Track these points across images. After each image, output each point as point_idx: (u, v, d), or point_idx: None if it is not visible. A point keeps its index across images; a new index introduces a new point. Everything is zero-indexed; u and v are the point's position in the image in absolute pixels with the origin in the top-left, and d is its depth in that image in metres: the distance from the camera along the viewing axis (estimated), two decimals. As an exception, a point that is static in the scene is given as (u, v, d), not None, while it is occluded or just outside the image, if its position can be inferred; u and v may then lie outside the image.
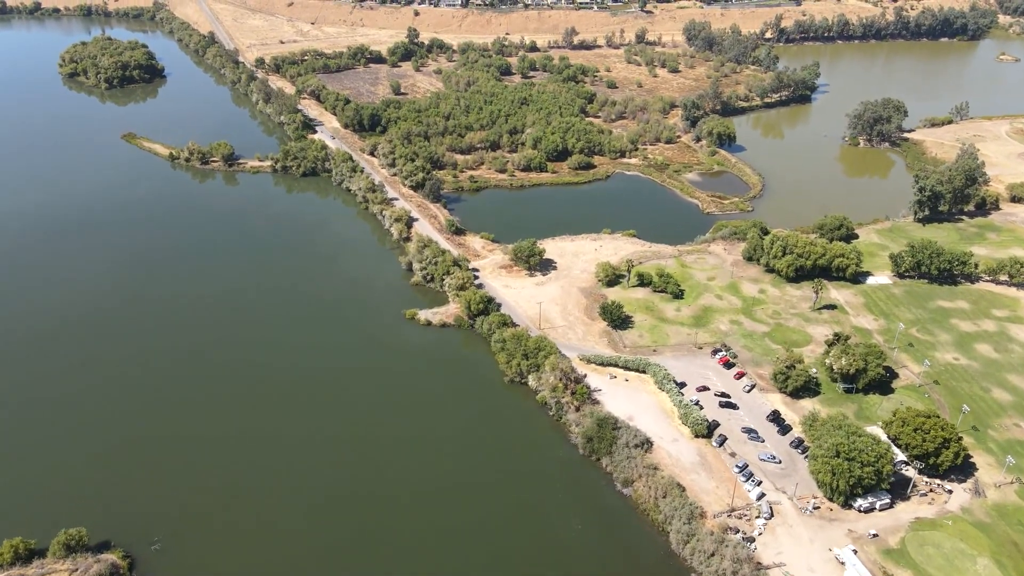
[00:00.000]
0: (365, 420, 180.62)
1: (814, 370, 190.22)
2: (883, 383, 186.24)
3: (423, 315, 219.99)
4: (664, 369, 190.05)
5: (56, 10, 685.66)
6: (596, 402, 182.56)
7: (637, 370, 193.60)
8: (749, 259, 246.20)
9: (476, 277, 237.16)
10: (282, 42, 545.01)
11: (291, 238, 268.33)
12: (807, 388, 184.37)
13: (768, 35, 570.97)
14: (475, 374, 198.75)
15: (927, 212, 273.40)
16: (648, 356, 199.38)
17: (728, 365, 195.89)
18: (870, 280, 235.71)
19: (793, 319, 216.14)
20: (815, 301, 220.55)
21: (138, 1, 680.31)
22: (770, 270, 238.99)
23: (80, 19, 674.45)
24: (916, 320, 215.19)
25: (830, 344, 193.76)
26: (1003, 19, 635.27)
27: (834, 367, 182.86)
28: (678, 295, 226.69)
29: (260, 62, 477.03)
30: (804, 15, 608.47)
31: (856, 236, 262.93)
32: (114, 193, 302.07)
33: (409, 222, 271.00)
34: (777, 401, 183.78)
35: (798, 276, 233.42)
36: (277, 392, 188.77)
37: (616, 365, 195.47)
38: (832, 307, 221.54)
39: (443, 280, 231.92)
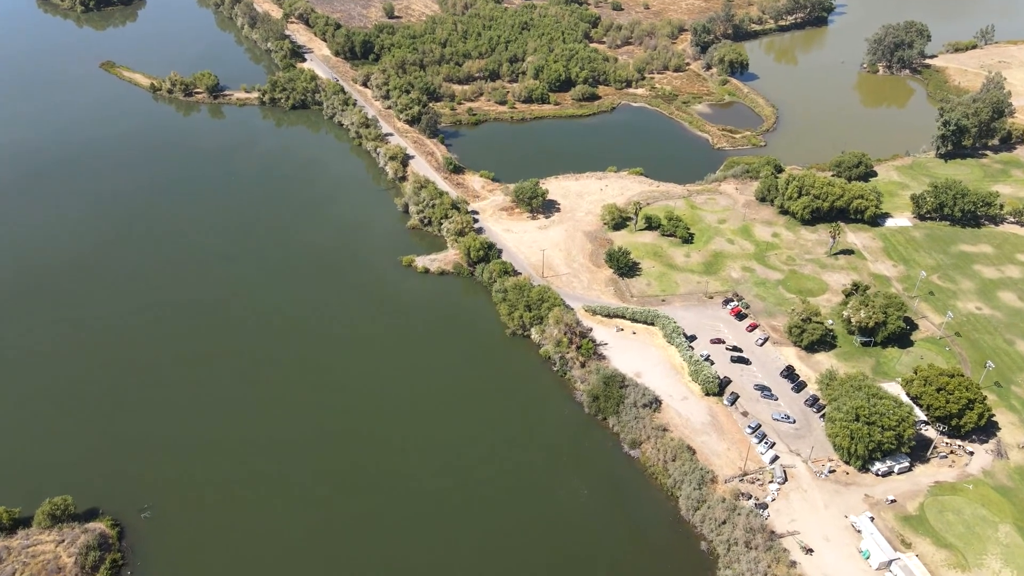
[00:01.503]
0: (360, 376, 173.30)
1: (830, 322, 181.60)
2: (902, 335, 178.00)
3: (420, 262, 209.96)
4: (673, 321, 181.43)
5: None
6: (602, 357, 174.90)
7: (645, 322, 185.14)
8: (762, 200, 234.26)
9: (476, 220, 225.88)
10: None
11: (281, 178, 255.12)
12: (823, 341, 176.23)
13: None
14: (475, 326, 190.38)
15: (950, 147, 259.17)
16: (656, 306, 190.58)
17: (740, 316, 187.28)
18: (889, 222, 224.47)
19: (808, 265, 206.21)
20: (831, 246, 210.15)
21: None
22: (784, 212, 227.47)
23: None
24: (937, 266, 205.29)
25: (848, 294, 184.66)
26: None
27: (852, 320, 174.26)
28: (688, 239, 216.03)
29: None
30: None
31: (875, 174, 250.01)
32: (93, 128, 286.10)
33: (405, 160, 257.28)
34: (791, 355, 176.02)
35: (814, 218, 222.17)
36: (269, 348, 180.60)
37: (623, 317, 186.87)
38: (849, 252, 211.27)
39: (441, 224, 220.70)
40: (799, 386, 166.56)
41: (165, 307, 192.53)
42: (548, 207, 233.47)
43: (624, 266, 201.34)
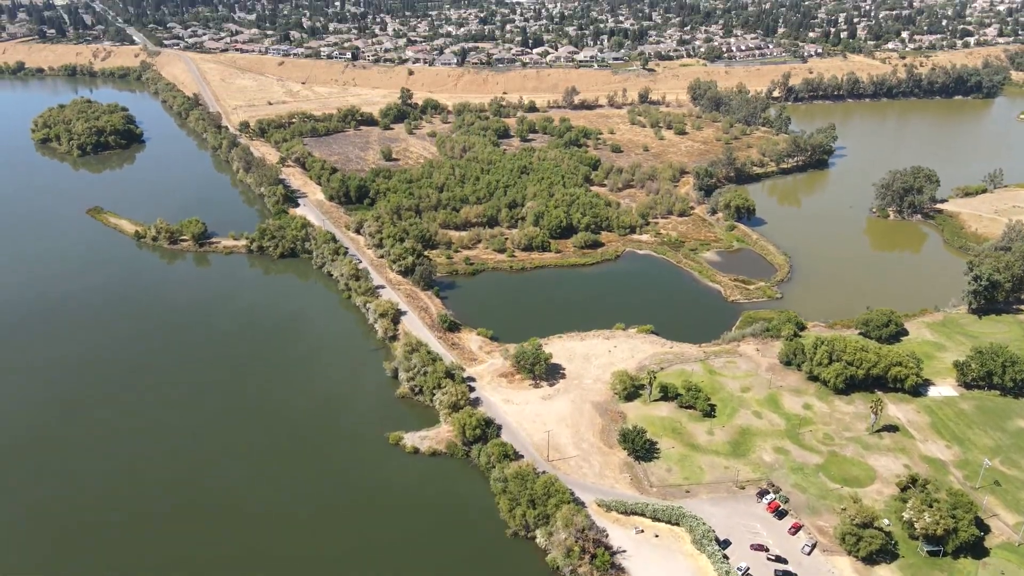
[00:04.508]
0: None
1: (886, 522, 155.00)
2: (975, 541, 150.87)
3: (409, 440, 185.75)
4: (702, 522, 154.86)
5: (40, 70, 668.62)
6: (621, 569, 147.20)
7: (669, 521, 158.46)
8: (787, 364, 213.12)
9: (472, 389, 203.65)
10: (270, 103, 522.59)
11: (262, 336, 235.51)
12: (883, 550, 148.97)
13: (776, 94, 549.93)
14: (470, 523, 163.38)
15: (982, 302, 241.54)
16: (680, 499, 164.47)
17: (780, 513, 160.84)
18: (932, 391, 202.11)
19: (849, 445, 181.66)
20: (873, 423, 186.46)
21: (124, 61, 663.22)
22: (813, 378, 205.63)
23: (65, 79, 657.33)
24: (997, 447, 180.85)
25: (903, 488, 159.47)
26: (1015, 75, 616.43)
27: (916, 524, 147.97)
28: (709, 413, 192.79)
29: (244, 126, 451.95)
30: (811, 72, 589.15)
31: (905, 332, 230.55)
32: (68, 280, 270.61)
33: (396, 317, 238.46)
34: (846, 567, 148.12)
35: (848, 387, 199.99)
36: (233, 548, 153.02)
37: (643, 514, 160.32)
38: (893, 429, 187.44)
39: (433, 394, 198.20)
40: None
41: (115, 488, 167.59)
42: (552, 372, 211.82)
43: (640, 448, 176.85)
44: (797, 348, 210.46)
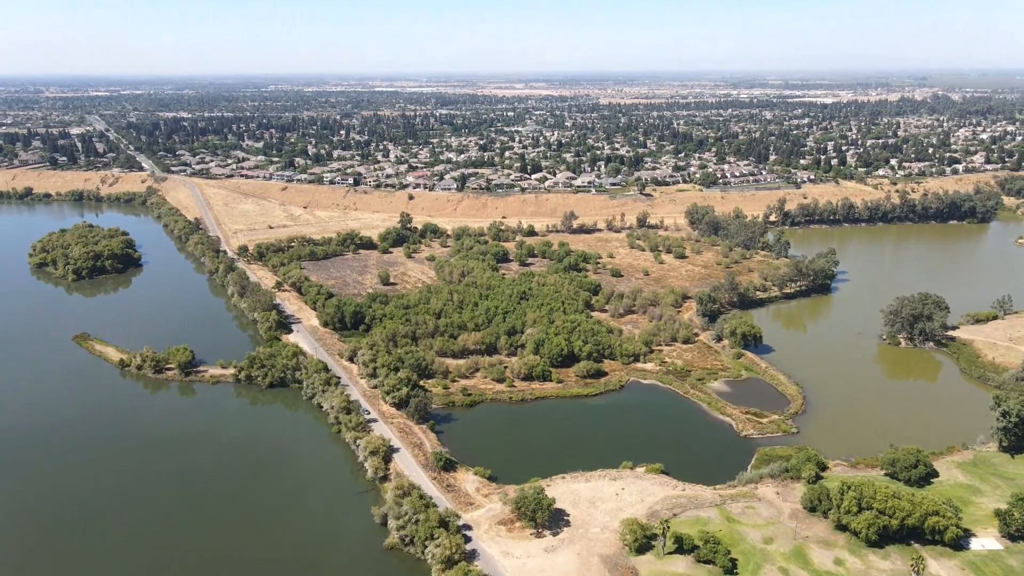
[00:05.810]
0: None
1: None
2: None
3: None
4: None
5: (47, 195, 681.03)
6: None
7: None
8: (812, 510, 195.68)
9: (468, 539, 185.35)
10: (271, 227, 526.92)
11: (242, 475, 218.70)
12: None
13: (773, 218, 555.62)
14: None
15: (1013, 440, 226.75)
16: None
17: None
18: (974, 544, 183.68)
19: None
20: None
21: (131, 186, 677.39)
22: (842, 527, 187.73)
23: (71, 204, 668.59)
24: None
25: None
26: (1008, 200, 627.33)
27: None
28: (730, 569, 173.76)
29: (243, 250, 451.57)
30: (806, 198, 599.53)
31: (936, 473, 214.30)
32: (38, 413, 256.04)
33: (388, 455, 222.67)
34: None
35: (881, 538, 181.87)
36: None
37: None
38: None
39: (425, 546, 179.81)
40: None
41: None
42: (556, 519, 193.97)
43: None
44: (822, 493, 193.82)
